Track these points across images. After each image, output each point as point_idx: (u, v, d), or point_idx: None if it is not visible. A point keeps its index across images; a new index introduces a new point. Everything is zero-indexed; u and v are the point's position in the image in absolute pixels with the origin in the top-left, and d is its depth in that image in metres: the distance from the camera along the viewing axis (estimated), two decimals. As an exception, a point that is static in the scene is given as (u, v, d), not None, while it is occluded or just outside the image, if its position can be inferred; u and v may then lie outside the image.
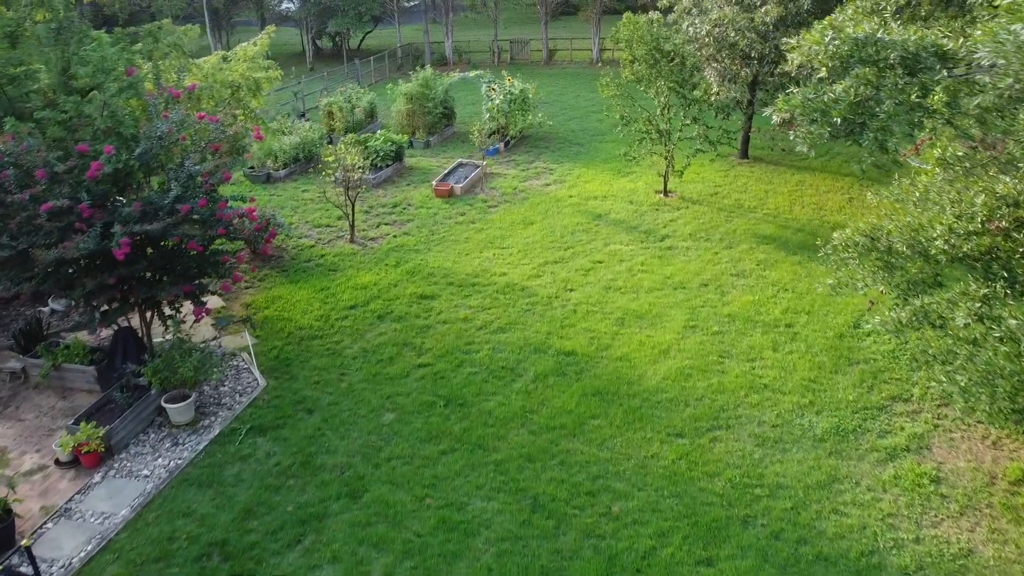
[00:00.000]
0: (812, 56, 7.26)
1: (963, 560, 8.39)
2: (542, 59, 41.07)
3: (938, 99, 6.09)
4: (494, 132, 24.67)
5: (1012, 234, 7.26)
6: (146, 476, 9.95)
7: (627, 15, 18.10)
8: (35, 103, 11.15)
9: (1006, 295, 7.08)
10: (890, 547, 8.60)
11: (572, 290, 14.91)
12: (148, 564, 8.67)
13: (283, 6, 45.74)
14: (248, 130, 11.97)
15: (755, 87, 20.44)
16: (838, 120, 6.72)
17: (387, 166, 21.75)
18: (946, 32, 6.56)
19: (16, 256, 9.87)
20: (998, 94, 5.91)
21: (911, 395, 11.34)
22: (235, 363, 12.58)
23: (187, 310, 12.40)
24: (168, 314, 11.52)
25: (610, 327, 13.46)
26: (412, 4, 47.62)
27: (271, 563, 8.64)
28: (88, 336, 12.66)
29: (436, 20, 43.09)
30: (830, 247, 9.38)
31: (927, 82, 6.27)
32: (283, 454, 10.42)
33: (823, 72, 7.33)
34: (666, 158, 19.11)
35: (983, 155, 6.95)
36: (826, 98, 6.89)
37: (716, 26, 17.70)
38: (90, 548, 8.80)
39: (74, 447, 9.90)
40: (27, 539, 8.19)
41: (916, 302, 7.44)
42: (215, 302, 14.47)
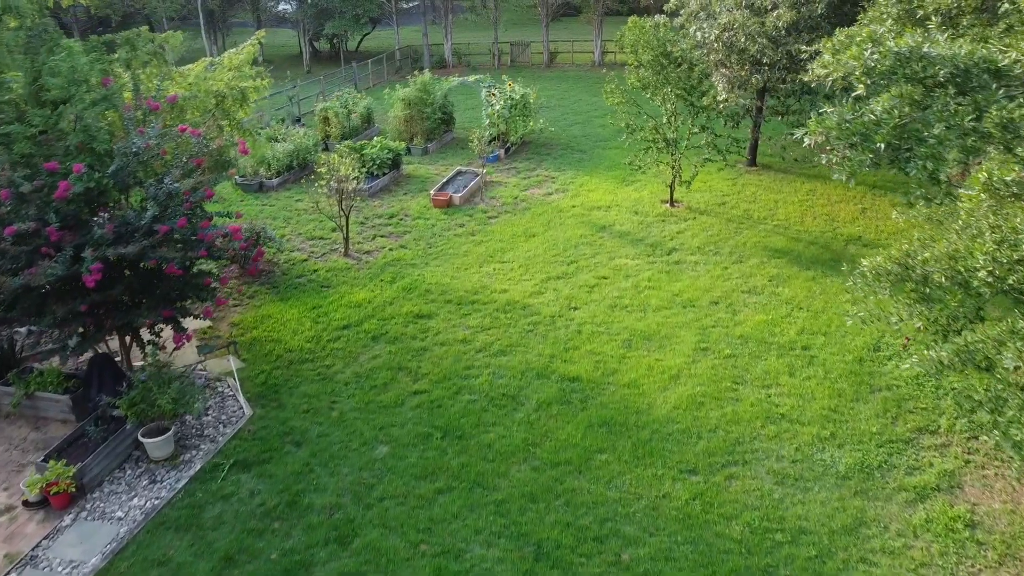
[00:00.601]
0: (848, 71, 6.55)
1: (1006, 619, 7.71)
2: (543, 62, 40.37)
3: (993, 121, 5.40)
4: (494, 138, 23.97)
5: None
6: (120, 518, 9.25)
7: (632, 19, 17.41)
8: (7, 114, 10.45)
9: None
10: (925, 603, 7.92)
11: (576, 308, 14.21)
12: (118, 621, 7.99)
13: (280, 7, 45.04)
14: (233, 143, 11.27)
15: (764, 93, 19.76)
16: (881, 146, 6.02)
17: (384, 174, 21.05)
18: (999, 46, 5.86)
19: (-20, 282, 9.17)
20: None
21: (938, 426, 10.65)
22: (220, 389, 11.88)
23: (168, 335, 11.70)
24: (148, 339, 10.84)
25: (617, 350, 12.76)
26: (411, 5, 46.92)
27: (252, 620, 7.95)
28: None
29: (435, 21, 42.41)
30: (858, 275, 8.64)
31: (981, 102, 5.58)
32: (268, 493, 9.72)
33: (860, 89, 6.62)
34: (673, 167, 18.41)
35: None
36: (866, 119, 6.19)
37: (726, 31, 16.99)
38: (56, 602, 8.11)
39: (43, 487, 9.21)
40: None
41: (958, 340, 6.74)
42: (201, 322, 13.77)
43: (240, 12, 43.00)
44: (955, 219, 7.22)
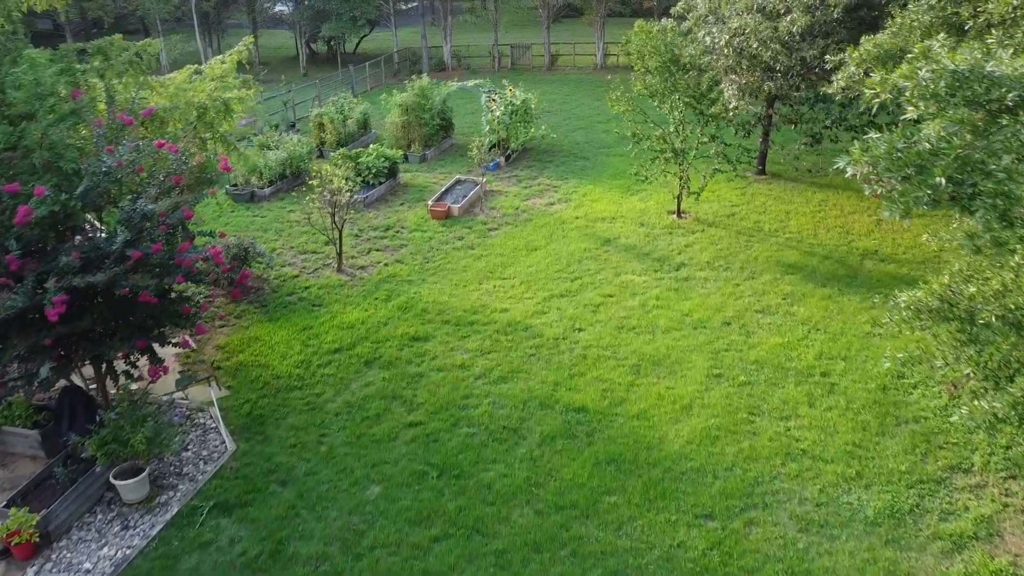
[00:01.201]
0: (897, 91, 5.81)
1: None
2: (544, 64, 39.62)
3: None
4: (494, 145, 23.22)
5: None
6: (88, 571, 8.50)
7: (639, 23, 16.66)
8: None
9: None
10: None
11: (581, 330, 13.47)
12: None
13: (276, 8, 44.27)
14: (214, 160, 10.53)
15: (774, 100, 19.01)
16: (942, 180, 5.29)
17: (380, 184, 20.31)
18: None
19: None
20: None
21: (971, 464, 9.91)
22: (202, 420, 11.14)
23: (147, 364, 10.94)
24: (124, 369, 10.09)
25: (624, 376, 12.01)
26: (410, 6, 46.15)
27: None
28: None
29: (435, 23, 41.68)
30: (894, 310, 7.88)
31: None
32: (250, 540, 8.97)
33: (912, 112, 5.88)
34: (680, 178, 17.67)
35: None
36: (921, 148, 5.45)
37: (736, 35, 16.24)
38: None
39: (3, 536, 8.47)
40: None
41: (1014, 390, 6.00)
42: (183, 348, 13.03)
43: (236, 13, 42.24)
44: (1004, 251, 6.47)
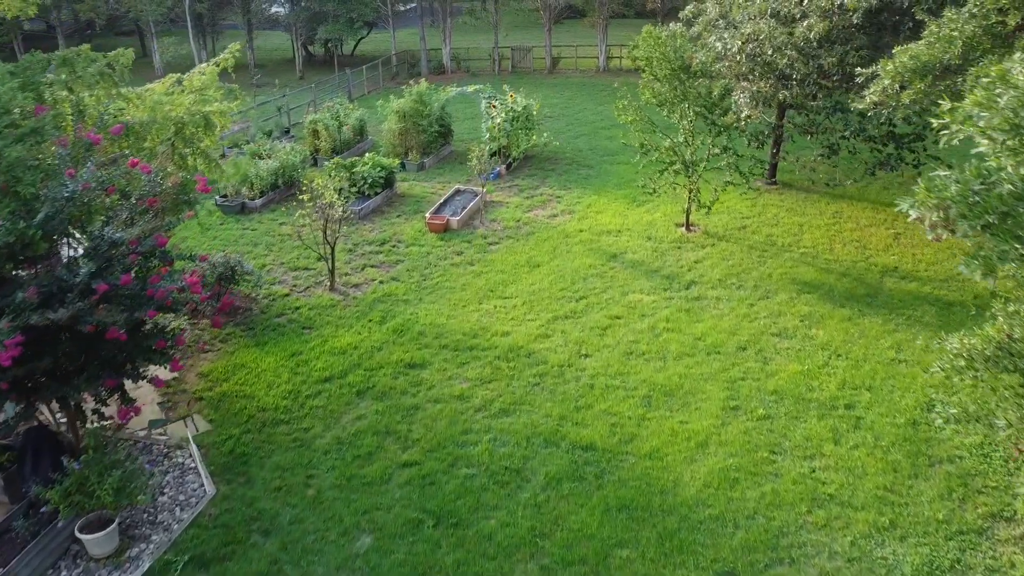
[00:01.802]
0: (970, 123, 5.02)
1: None
2: (545, 67, 38.81)
3: None
4: (495, 153, 22.42)
5: None
6: (47, 638, 7.71)
7: (646, 29, 15.85)
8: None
9: None
10: None
11: (587, 356, 12.67)
12: None
13: (273, 10, 43.44)
14: (192, 181, 9.73)
15: (785, 108, 18.20)
16: (1034, 231, 4.51)
17: (376, 194, 19.51)
18: None
19: None
20: None
21: (1013, 511, 9.11)
22: (181, 459, 10.34)
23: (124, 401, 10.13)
24: (94, 407, 9.30)
25: (635, 409, 11.22)
26: (408, 7, 45.33)
27: None
28: None
29: (433, 24, 40.87)
30: (944, 357, 7.07)
31: None
32: (227, 601, 8.18)
33: (985, 146, 5.08)
34: (690, 190, 16.87)
35: None
36: (1004, 191, 4.67)
37: (749, 41, 15.44)
38: None
39: (-45, 600, 7.68)
40: None
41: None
42: (165, 372, 12.23)
43: (231, 15, 41.42)
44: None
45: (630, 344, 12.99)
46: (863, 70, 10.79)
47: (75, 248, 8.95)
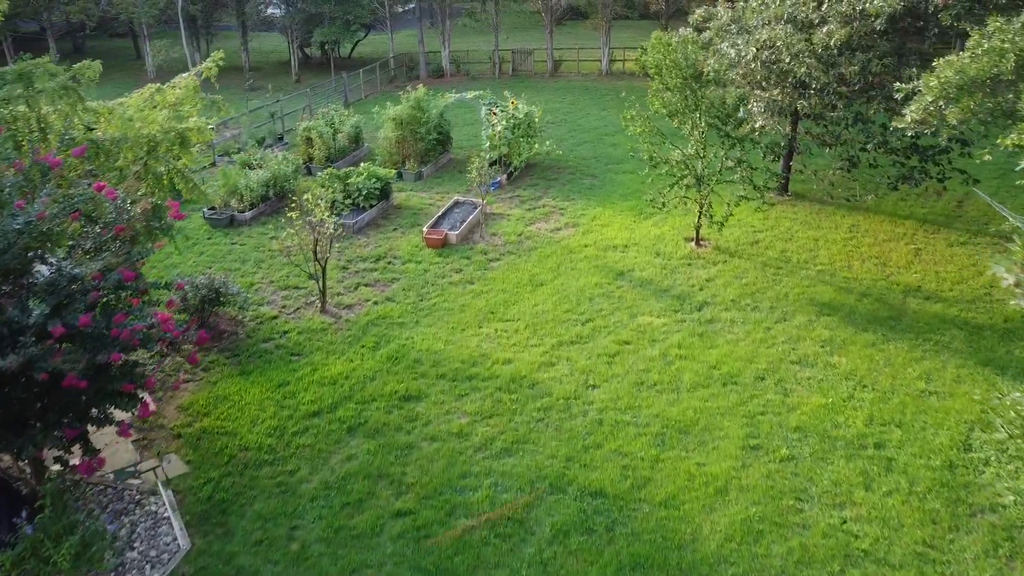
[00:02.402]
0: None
1: None
2: (547, 71, 37.94)
3: None
4: (495, 162, 21.58)
5: None
6: None
7: (656, 35, 15.01)
8: None
9: None
10: None
11: (595, 387, 11.83)
12: None
13: (268, 11, 42.53)
14: (163, 207, 8.88)
15: (798, 116, 17.35)
16: None
17: (371, 206, 18.66)
18: None
19: None
20: None
21: (1067, 570, 8.28)
22: (154, 507, 9.50)
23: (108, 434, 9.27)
24: (58, 455, 8.46)
25: (647, 448, 10.38)
26: (407, 8, 44.45)
27: None
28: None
29: (432, 25, 39.95)
30: (1001, 409, 6.24)
31: None
32: None
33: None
34: (701, 204, 16.03)
35: None
36: None
37: (765, 48, 14.60)
38: None
39: None
40: None
41: None
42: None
43: (226, 16, 40.54)
44: None
45: (640, 373, 12.15)
46: (903, 85, 9.94)
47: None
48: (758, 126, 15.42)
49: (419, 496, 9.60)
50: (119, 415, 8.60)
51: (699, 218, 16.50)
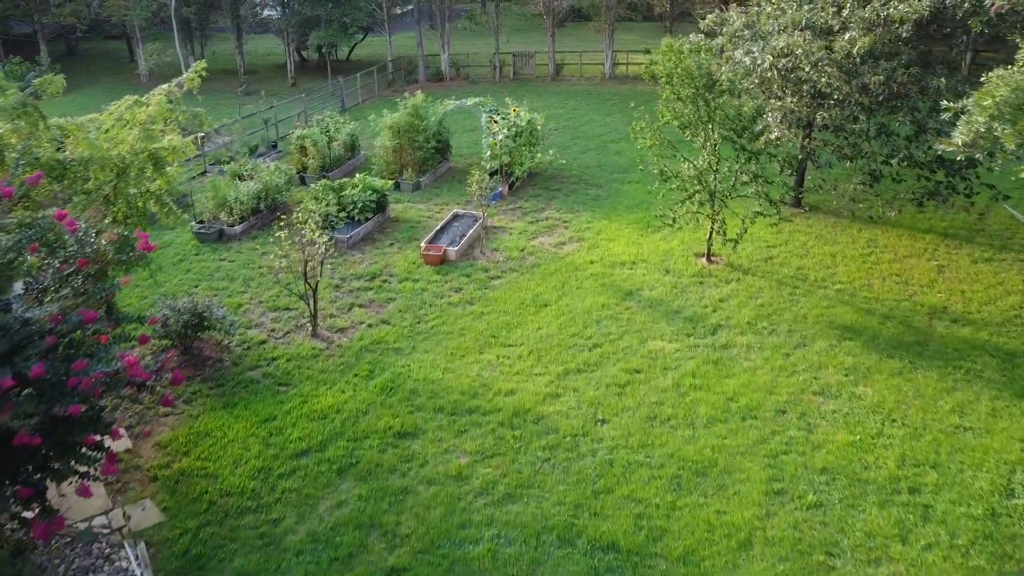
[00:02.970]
0: None
1: None
2: (548, 74, 37.13)
3: None
4: (496, 172, 20.78)
5: None
6: None
7: (667, 42, 14.19)
8: None
9: None
10: None
11: (604, 422, 11.02)
12: None
13: (264, 13, 41.72)
14: (131, 238, 8.07)
15: (812, 127, 16.52)
16: None
17: (366, 219, 17.85)
18: None
19: None
20: None
21: None
22: (125, 563, 8.68)
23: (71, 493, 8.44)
24: (15, 511, 7.64)
25: (663, 494, 9.56)
26: (406, 10, 43.61)
27: None
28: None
29: (432, 27, 39.11)
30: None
31: None
32: None
33: None
34: (713, 220, 15.22)
35: None
36: None
37: (782, 56, 13.79)
38: None
39: None
40: None
41: None
42: (120, 440, 10.59)
43: (220, 18, 39.71)
44: None
45: (653, 406, 11.34)
46: (951, 104, 9.13)
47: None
48: (773, 137, 14.61)
49: (414, 550, 8.79)
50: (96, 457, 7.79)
51: (710, 234, 15.70)
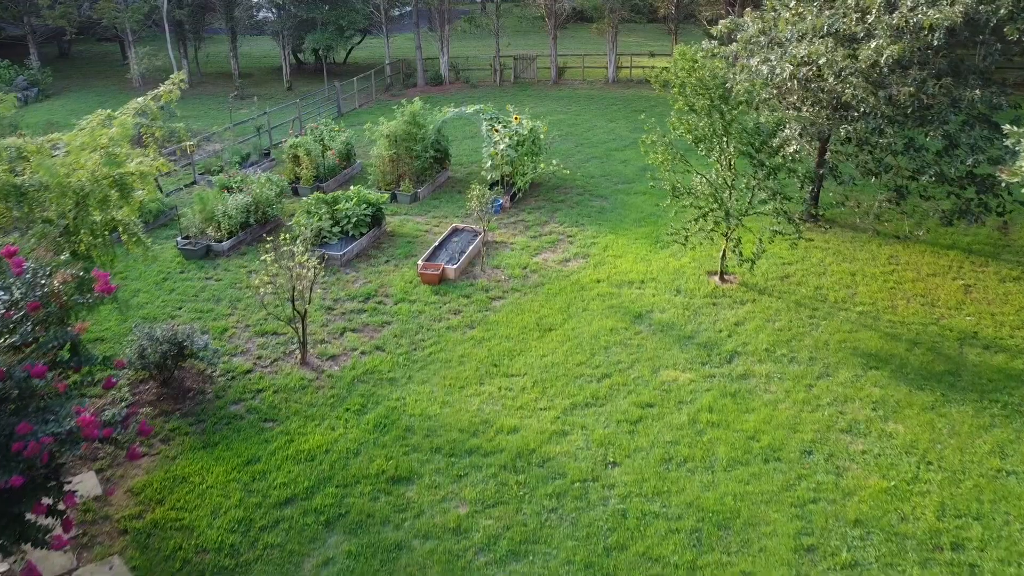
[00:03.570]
0: None
1: None
2: (550, 78, 36.25)
3: None
4: (497, 183, 19.93)
5: None
6: None
7: (679, 49, 13.33)
8: None
9: None
10: None
11: (615, 464, 10.16)
12: None
13: (260, 15, 40.81)
14: (89, 279, 7.21)
15: (827, 140, 15.64)
16: None
17: (361, 234, 16.99)
18: None
19: None
20: None
21: None
22: (87, 633, 7.83)
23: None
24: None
25: (682, 551, 8.70)
26: (404, 11, 42.69)
27: None
28: None
29: (431, 29, 38.24)
30: None
31: None
32: None
33: None
34: (727, 237, 14.35)
35: None
36: None
37: (803, 65, 12.93)
38: None
39: None
40: None
41: None
42: (89, 485, 9.75)
43: (215, 20, 38.79)
44: None
45: (667, 446, 10.48)
46: (1015, 129, 8.27)
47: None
48: (791, 151, 13.76)
49: (408, 619, 7.94)
50: (46, 528, 6.93)
51: (724, 252, 14.84)
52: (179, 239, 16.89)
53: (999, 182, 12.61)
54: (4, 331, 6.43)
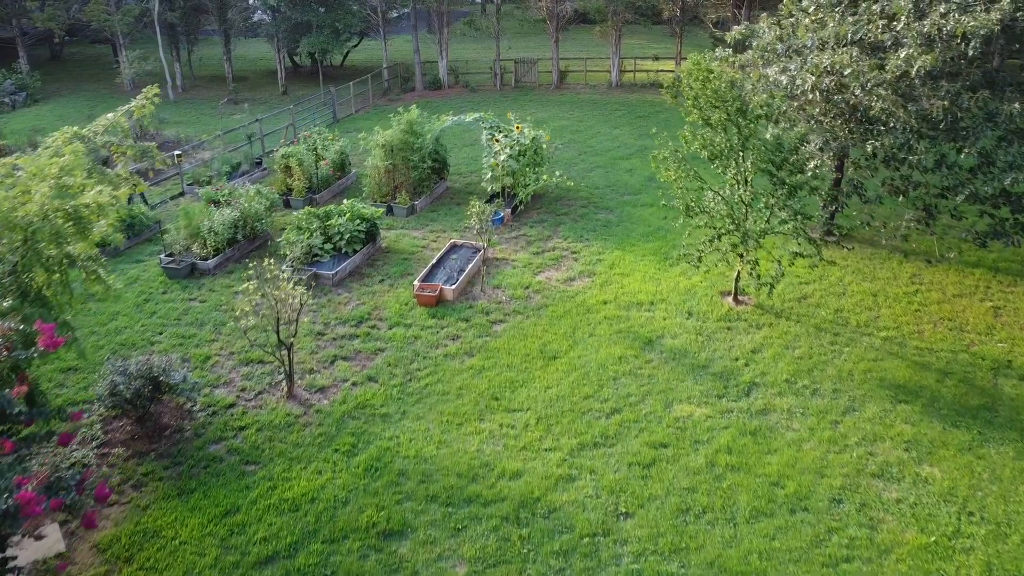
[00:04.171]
0: None
1: None
2: (552, 82, 35.36)
3: None
4: (497, 195, 19.07)
5: None
6: None
7: (692, 58, 12.46)
8: None
9: None
10: None
11: (628, 516, 9.30)
12: None
13: (256, 17, 39.91)
14: (31, 332, 6.33)
15: (846, 154, 14.77)
16: None
17: (355, 251, 16.12)
18: None
19: None
20: None
21: None
22: None
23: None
24: None
25: (704, 621, 7.84)
26: (402, 13, 41.80)
27: None
28: None
29: (430, 31, 37.35)
30: None
31: None
32: None
33: None
34: (743, 259, 13.48)
35: None
36: None
37: (826, 75, 12.05)
38: None
39: None
40: None
41: None
42: (52, 540, 8.88)
43: (208, 22, 37.89)
44: None
45: (684, 494, 9.61)
46: None
47: None
48: (810, 167, 12.90)
49: None
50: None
51: (738, 273, 13.99)
52: (162, 257, 16.01)
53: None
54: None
